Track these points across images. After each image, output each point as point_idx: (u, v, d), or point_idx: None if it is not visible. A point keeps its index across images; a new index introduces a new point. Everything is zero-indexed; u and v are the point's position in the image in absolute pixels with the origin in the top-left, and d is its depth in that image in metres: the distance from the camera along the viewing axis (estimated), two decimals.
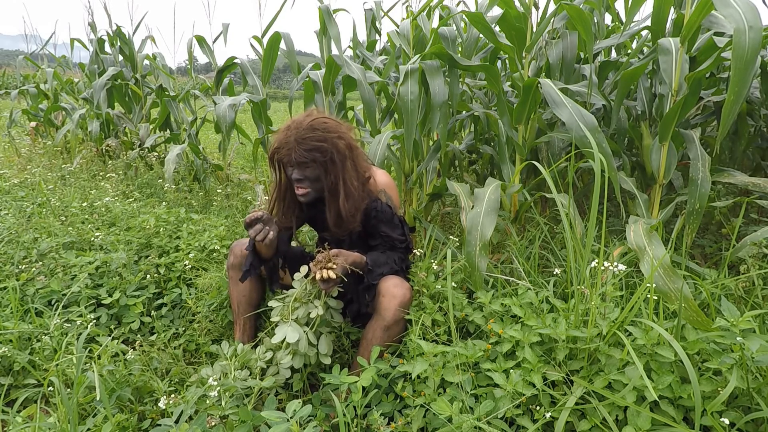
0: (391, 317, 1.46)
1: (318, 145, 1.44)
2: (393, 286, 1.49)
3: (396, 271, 1.59)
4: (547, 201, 2.80)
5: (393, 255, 1.60)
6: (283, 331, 1.37)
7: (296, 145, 1.44)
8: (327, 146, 1.45)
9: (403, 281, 1.53)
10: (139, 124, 4.34)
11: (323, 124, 1.48)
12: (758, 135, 2.74)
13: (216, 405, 1.23)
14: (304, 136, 1.45)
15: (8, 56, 51.34)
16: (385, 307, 1.47)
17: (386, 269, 1.56)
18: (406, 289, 1.50)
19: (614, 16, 3.16)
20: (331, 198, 1.52)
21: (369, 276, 1.52)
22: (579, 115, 1.73)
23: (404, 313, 1.48)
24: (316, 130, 1.46)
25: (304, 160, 1.45)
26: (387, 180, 1.67)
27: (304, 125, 1.47)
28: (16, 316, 1.72)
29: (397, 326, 1.49)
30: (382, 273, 1.54)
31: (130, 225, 2.49)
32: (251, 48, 3.36)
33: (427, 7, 2.48)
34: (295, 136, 1.45)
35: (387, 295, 1.48)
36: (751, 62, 1.34)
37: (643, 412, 1.05)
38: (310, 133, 1.45)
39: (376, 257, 1.57)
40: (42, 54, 5.56)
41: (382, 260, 1.57)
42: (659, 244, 1.47)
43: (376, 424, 1.19)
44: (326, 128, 1.47)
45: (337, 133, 1.48)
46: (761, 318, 1.38)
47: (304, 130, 1.45)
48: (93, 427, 1.26)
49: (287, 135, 1.47)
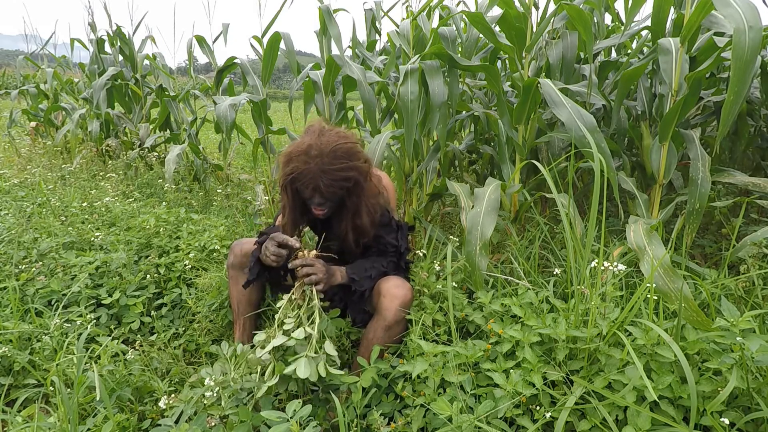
0: (392, 317, 1.46)
1: (345, 175, 1.40)
2: (394, 287, 1.49)
3: (385, 273, 1.58)
4: (547, 201, 2.80)
5: (381, 260, 1.60)
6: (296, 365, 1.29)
7: (322, 175, 1.38)
8: (353, 174, 1.42)
9: (404, 282, 1.53)
10: (139, 124, 4.34)
11: (344, 147, 1.41)
12: (758, 135, 2.74)
13: (216, 405, 1.23)
14: (329, 165, 1.38)
15: (8, 56, 51.29)
16: (386, 307, 1.47)
17: (373, 272, 1.56)
18: (407, 290, 1.50)
19: (614, 16, 3.16)
20: (355, 215, 1.51)
21: (355, 285, 1.54)
22: (578, 115, 1.73)
23: (405, 313, 1.48)
24: (341, 159, 1.39)
25: (331, 190, 1.41)
26: (385, 181, 1.67)
27: (325, 151, 1.38)
28: (16, 316, 1.72)
29: (398, 326, 1.49)
30: (370, 276, 1.54)
31: (130, 225, 2.49)
32: (251, 48, 3.36)
33: (427, 7, 2.48)
34: (319, 166, 1.38)
35: (388, 296, 1.48)
36: (751, 62, 1.34)
37: (643, 412, 1.05)
38: (336, 162, 1.39)
39: (360, 264, 1.57)
40: (42, 54, 5.56)
41: (366, 266, 1.57)
42: (659, 244, 1.47)
43: (376, 424, 1.19)
44: (350, 154, 1.41)
45: (359, 158, 1.44)
46: (761, 318, 1.38)
47: (328, 158, 1.38)
48: (93, 427, 1.26)
49: (308, 162, 1.39)
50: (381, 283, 1.52)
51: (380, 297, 1.50)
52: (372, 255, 1.63)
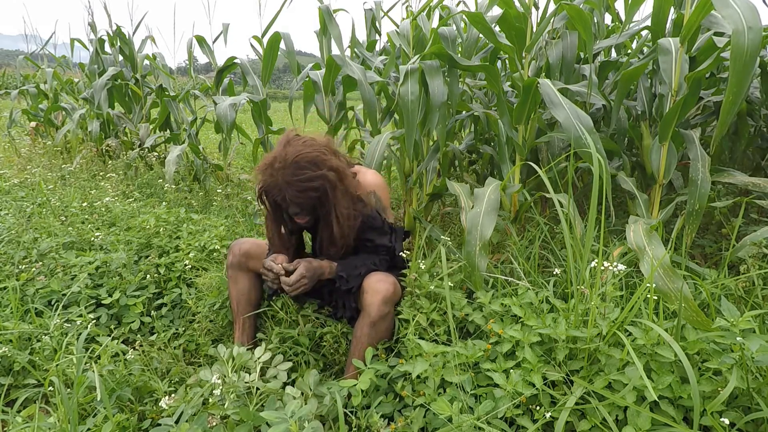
0: (376, 313, 1.46)
1: (310, 185, 1.40)
2: (376, 282, 1.49)
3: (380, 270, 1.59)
4: (547, 201, 2.80)
5: (373, 258, 1.61)
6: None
7: (287, 186, 1.39)
8: (318, 183, 1.41)
9: (388, 276, 1.53)
10: (139, 124, 4.34)
11: (308, 157, 1.40)
12: (758, 135, 2.74)
13: (218, 405, 1.23)
14: (292, 177, 1.38)
15: (8, 56, 51.28)
16: (369, 302, 1.47)
17: (363, 270, 1.56)
18: (389, 284, 1.49)
19: (614, 16, 3.16)
20: (324, 225, 1.52)
21: (341, 282, 1.54)
22: (576, 116, 1.73)
23: (390, 308, 1.48)
24: (305, 169, 1.39)
25: (299, 200, 1.42)
26: (377, 180, 1.64)
27: (288, 162, 1.39)
28: (16, 316, 1.72)
29: (383, 322, 1.48)
30: (359, 274, 1.55)
31: (130, 225, 2.49)
32: (251, 48, 3.36)
33: (427, 7, 2.48)
34: (282, 177, 1.39)
35: (370, 291, 1.48)
36: (750, 63, 1.34)
37: (643, 412, 1.05)
38: (299, 173, 1.38)
39: (350, 262, 1.57)
40: (42, 54, 5.56)
41: (357, 263, 1.57)
42: (659, 244, 1.47)
43: (376, 426, 1.19)
44: (313, 162, 1.40)
45: (325, 166, 1.42)
46: (761, 318, 1.38)
47: (291, 168, 1.38)
48: (93, 427, 1.26)
49: (273, 175, 1.40)
50: (365, 280, 1.53)
51: (363, 293, 1.50)
52: (362, 252, 1.63)
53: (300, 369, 1.63)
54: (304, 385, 1.39)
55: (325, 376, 1.64)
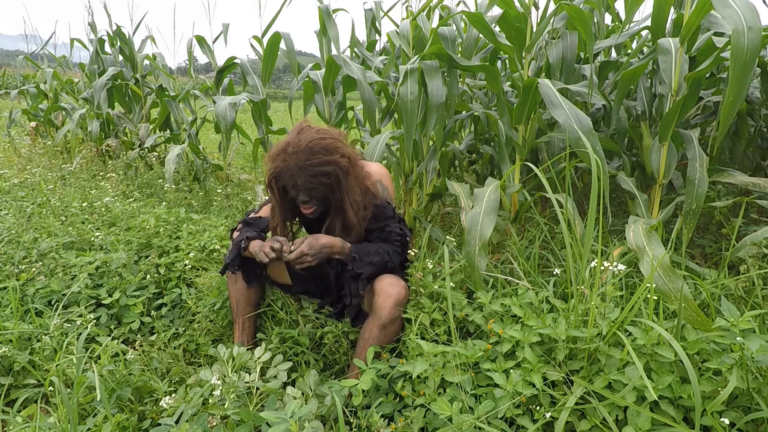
0: (387, 316, 1.46)
1: (322, 170, 1.40)
2: (388, 285, 1.49)
3: (386, 264, 1.56)
4: (546, 201, 2.80)
5: (386, 247, 1.58)
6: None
7: (299, 171, 1.39)
8: (331, 168, 1.41)
9: (399, 279, 1.53)
10: (139, 124, 4.34)
11: (322, 143, 1.41)
12: (758, 135, 2.75)
13: (218, 405, 1.23)
14: (305, 161, 1.39)
15: (8, 56, 51.30)
16: (381, 306, 1.47)
17: (376, 258, 1.53)
18: (401, 288, 1.50)
19: (614, 16, 3.16)
20: (337, 213, 1.51)
21: (354, 264, 1.51)
22: (575, 117, 1.74)
23: (400, 311, 1.48)
24: (318, 154, 1.40)
25: (311, 186, 1.41)
26: (380, 170, 1.66)
27: (302, 148, 1.40)
28: (16, 316, 1.72)
29: (393, 325, 1.49)
30: (371, 262, 1.52)
31: (130, 225, 2.49)
32: (251, 48, 3.36)
33: (427, 7, 2.48)
34: (296, 162, 1.39)
35: (382, 294, 1.48)
36: (750, 63, 1.34)
37: (643, 412, 1.05)
38: (312, 157, 1.39)
39: (364, 246, 1.55)
40: (42, 54, 5.56)
41: (371, 250, 1.54)
42: (659, 244, 1.47)
43: (376, 426, 1.19)
44: (326, 149, 1.41)
45: (338, 152, 1.44)
46: (761, 318, 1.38)
47: (304, 154, 1.40)
48: (93, 427, 1.26)
49: (286, 160, 1.41)
50: (375, 282, 1.52)
51: (375, 296, 1.50)
52: (374, 240, 1.61)
53: (300, 369, 1.63)
54: (304, 385, 1.39)
55: (325, 376, 1.64)
